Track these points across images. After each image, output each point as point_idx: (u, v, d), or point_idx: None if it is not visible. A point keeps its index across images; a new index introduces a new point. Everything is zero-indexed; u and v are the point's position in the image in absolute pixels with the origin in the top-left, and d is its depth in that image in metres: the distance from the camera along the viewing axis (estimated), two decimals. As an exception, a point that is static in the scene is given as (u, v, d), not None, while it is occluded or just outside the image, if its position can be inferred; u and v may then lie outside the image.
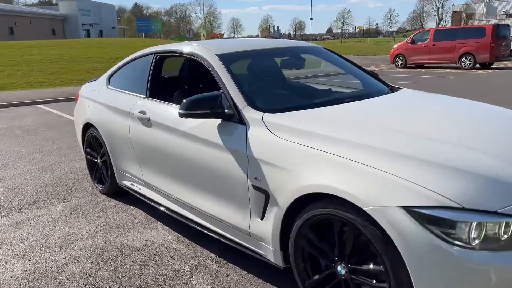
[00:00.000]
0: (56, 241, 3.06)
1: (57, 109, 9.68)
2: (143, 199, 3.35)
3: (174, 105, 2.94)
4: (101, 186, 4.02)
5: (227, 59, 2.79)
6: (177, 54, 3.20)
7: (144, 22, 62.00)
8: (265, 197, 2.19)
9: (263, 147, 2.21)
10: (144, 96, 3.32)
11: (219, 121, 2.51)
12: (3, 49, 19.03)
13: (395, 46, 20.62)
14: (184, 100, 2.45)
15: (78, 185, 4.29)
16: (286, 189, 2.04)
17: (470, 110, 2.66)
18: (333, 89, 3.09)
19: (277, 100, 2.76)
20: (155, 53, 3.39)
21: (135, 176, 3.43)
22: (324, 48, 3.49)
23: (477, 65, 17.53)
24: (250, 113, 2.39)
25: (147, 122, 3.10)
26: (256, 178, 2.21)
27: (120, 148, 3.51)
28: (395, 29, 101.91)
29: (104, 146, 3.76)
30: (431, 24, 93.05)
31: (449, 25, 69.55)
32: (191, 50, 2.98)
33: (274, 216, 2.14)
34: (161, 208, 3.11)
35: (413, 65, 19.56)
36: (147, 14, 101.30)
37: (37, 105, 10.64)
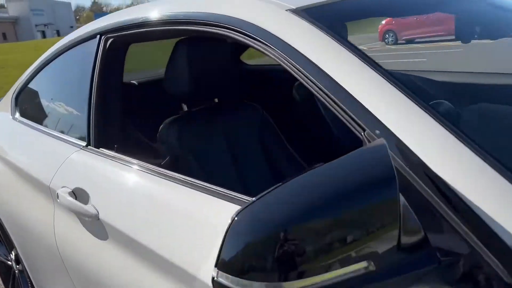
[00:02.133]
0: None
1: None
2: None
3: (178, 177, 0.96)
4: (24, 313, 2.00)
5: (339, 21, 0.83)
6: (158, 27, 1.19)
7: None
8: None
9: None
10: (84, 144, 1.31)
11: None
12: None
13: (383, 21, 18.98)
14: (235, 217, 0.49)
15: (-15, 304, 2.25)
16: None
17: None
18: None
19: None
20: (104, 32, 1.36)
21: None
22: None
23: (476, 35, 16.12)
24: None
25: (93, 222, 1.11)
26: None
27: (44, 260, 1.50)
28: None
29: (14, 247, 1.74)
30: None
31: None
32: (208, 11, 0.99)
33: None
34: None
35: (404, 41, 18.01)
36: (108, 11, 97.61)
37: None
